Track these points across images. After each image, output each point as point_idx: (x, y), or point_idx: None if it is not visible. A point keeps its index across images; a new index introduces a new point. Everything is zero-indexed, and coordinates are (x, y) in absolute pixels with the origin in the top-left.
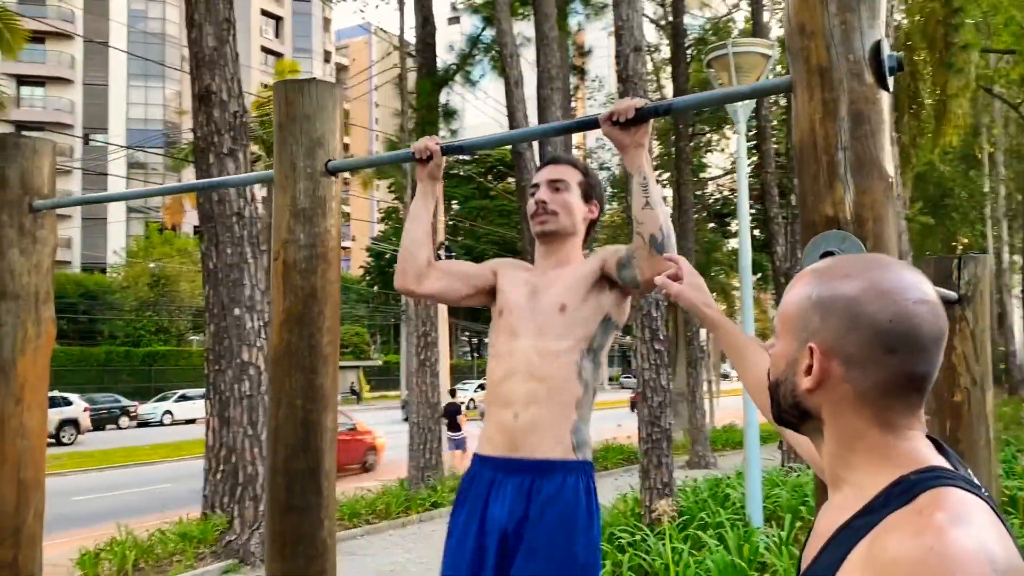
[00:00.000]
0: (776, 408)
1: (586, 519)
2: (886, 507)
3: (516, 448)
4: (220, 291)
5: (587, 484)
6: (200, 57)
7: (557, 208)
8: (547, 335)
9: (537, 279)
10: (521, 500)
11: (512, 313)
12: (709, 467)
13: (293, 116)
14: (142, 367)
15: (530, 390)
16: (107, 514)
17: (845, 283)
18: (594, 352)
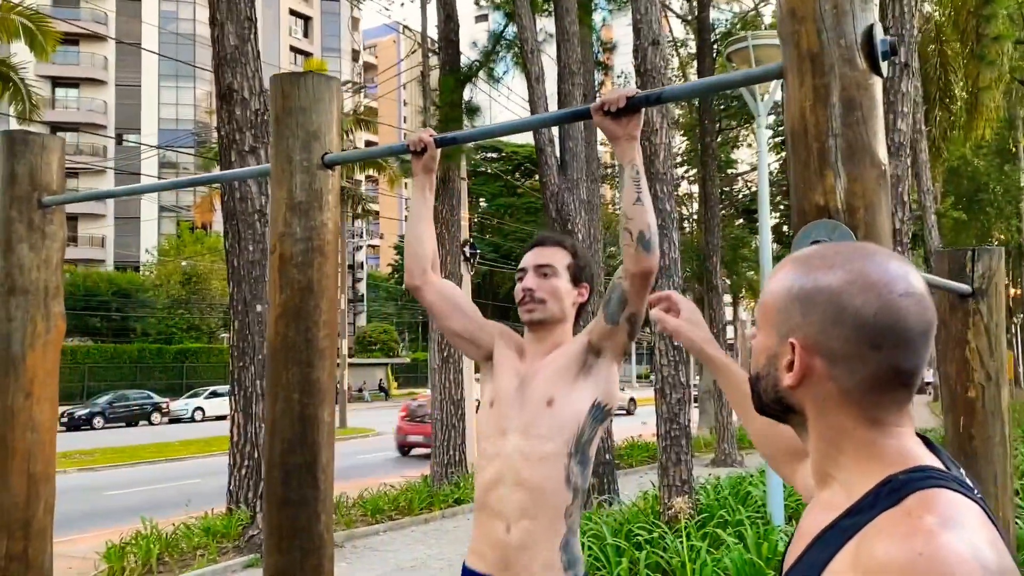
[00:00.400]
0: (758, 401)
1: None
2: (874, 508)
3: (508, 567)
4: (243, 288)
5: None
6: (222, 56)
7: (545, 295)
8: (533, 436)
9: (526, 368)
10: None
11: (501, 405)
12: (735, 465)
13: (289, 109)
14: (174, 364)
15: (520, 501)
16: (138, 509)
17: (828, 274)
18: (582, 450)
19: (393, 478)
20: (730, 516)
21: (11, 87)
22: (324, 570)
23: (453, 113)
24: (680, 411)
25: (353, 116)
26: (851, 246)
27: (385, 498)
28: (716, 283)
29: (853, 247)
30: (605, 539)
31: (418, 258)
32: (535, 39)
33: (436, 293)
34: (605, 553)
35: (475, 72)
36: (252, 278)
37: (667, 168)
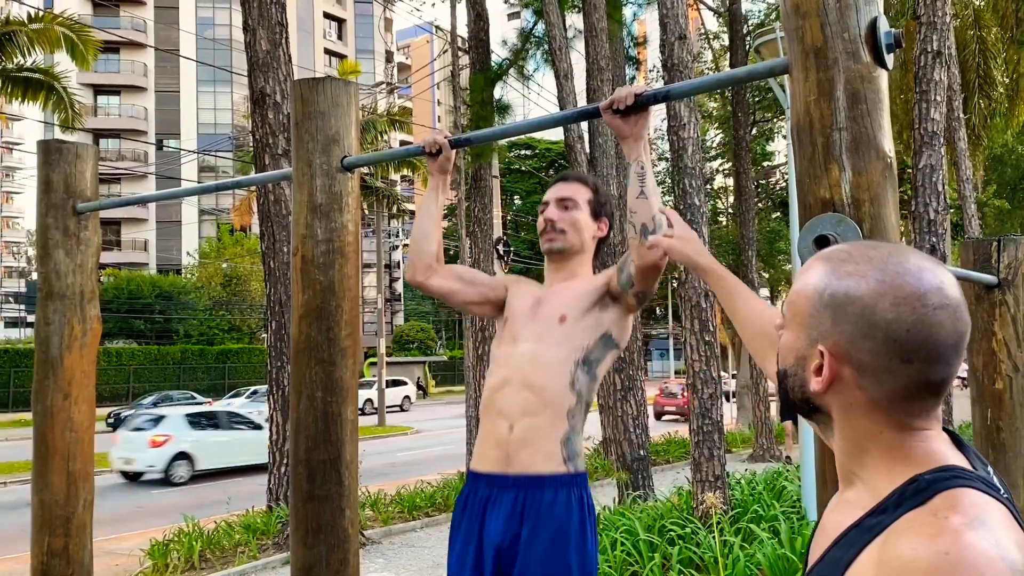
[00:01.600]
0: (784, 396)
1: (579, 532)
2: (899, 507)
3: (510, 463)
4: (279, 289)
5: (580, 496)
6: (255, 61)
7: (565, 226)
8: (544, 342)
9: (543, 292)
10: (515, 518)
11: (514, 320)
12: (773, 460)
13: (309, 114)
14: (216, 365)
15: (524, 400)
16: (181, 507)
17: (861, 283)
18: (589, 364)
19: (430, 475)
20: (764, 511)
21: (54, 96)
22: (349, 564)
23: (484, 111)
24: (712, 406)
25: (387, 117)
26: (886, 250)
27: (422, 495)
28: (752, 277)
29: (888, 251)
30: (638, 535)
31: (423, 255)
32: (563, 36)
33: (439, 280)
34: (638, 548)
35: (505, 70)
36: (288, 279)
37: (695, 162)
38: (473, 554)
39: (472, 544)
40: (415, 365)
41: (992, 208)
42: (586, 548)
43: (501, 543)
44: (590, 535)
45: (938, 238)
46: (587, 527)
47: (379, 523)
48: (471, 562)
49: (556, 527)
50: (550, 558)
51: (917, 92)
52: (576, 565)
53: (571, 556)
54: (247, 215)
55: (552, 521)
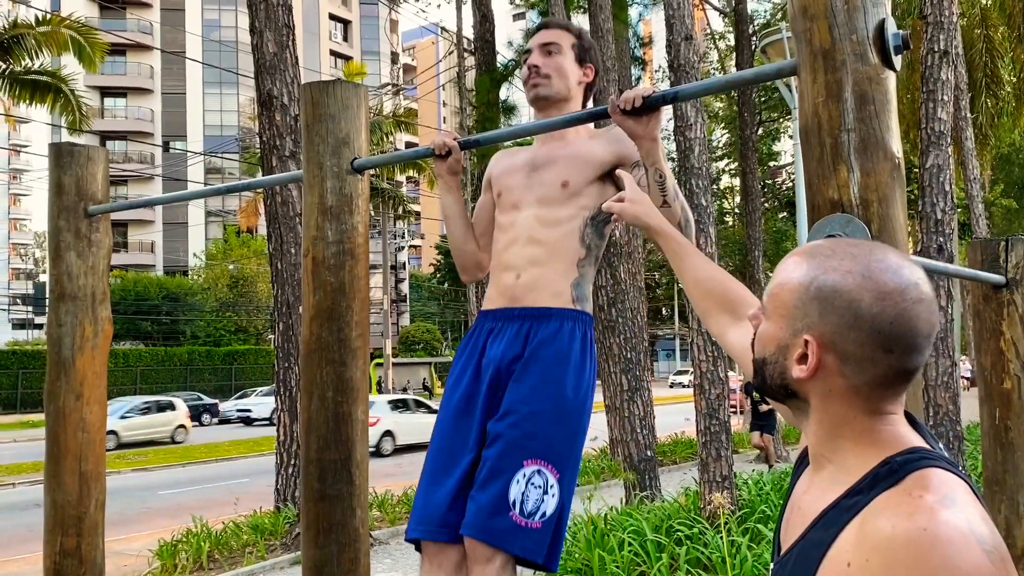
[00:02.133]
0: (760, 382)
1: (579, 360)
2: (874, 488)
3: (517, 301)
4: (287, 290)
5: (584, 332)
6: (261, 63)
7: (550, 71)
8: (549, 204)
9: (536, 153)
10: (518, 341)
11: (512, 191)
12: (780, 460)
13: (319, 116)
14: (223, 366)
15: (532, 254)
16: (189, 508)
17: (846, 278)
18: (598, 225)
19: None
20: (772, 511)
21: (62, 98)
22: (360, 564)
23: (490, 113)
24: (719, 406)
25: (392, 118)
26: (866, 247)
27: None
28: (758, 277)
29: (868, 248)
30: (646, 535)
31: (468, 256)
32: None
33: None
34: (645, 549)
35: (511, 71)
36: (295, 280)
37: (702, 163)
38: (472, 370)
39: (472, 364)
40: (421, 366)
41: (1000, 207)
42: (584, 374)
43: (501, 361)
44: (589, 365)
45: (945, 238)
46: (587, 358)
47: (387, 523)
48: (469, 376)
49: (558, 350)
50: (548, 375)
51: (924, 92)
52: (571, 387)
53: (568, 377)
54: (254, 217)
55: (555, 346)
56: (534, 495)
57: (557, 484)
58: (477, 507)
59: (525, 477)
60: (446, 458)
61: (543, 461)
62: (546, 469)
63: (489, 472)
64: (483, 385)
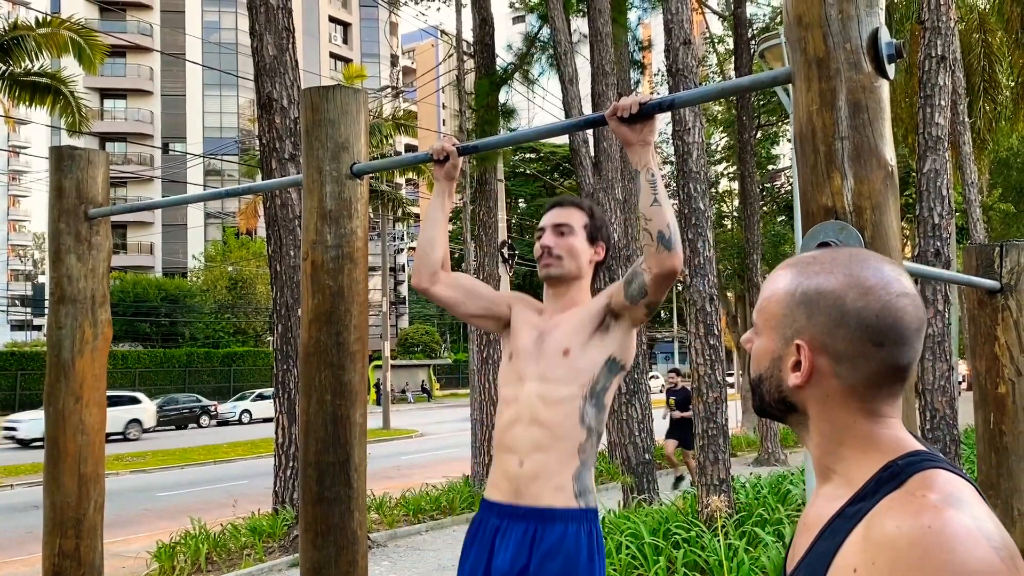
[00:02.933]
0: (759, 402)
1: (587, 567)
2: (877, 493)
3: (520, 495)
4: (286, 292)
5: (589, 531)
6: (261, 66)
7: (562, 252)
8: (550, 380)
9: (544, 323)
10: (524, 550)
11: (520, 358)
12: (777, 464)
13: (319, 121)
14: (222, 367)
15: (534, 437)
16: (187, 510)
17: (829, 279)
18: (597, 396)
19: (435, 478)
20: (769, 515)
21: (61, 100)
22: (358, 566)
23: (489, 116)
24: (717, 410)
25: (392, 121)
26: (847, 252)
27: (427, 498)
28: (757, 280)
29: (849, 252)
30: (643, 538)
31: (429, 261)
32: (568, 40)
33: (445, 288)
34: (643, 552)
35: (511, 75)
36: (294, 283)
37: (700, 167)
38: None
39: (480, 569)
40: (419, 368)
41: (998, 212)
42: None
43: (509, 573)
44: (598, 566)
45: (943, 242)
46: (595, 563)
47: (384, 526)
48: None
49: (565, 561)
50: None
51: (921, 97)
52: None
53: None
54: (253, 219)
55: (561, 555)
56: None
57: None
58: None
59: None
60: None
61: None
62: None
63: None
64: None
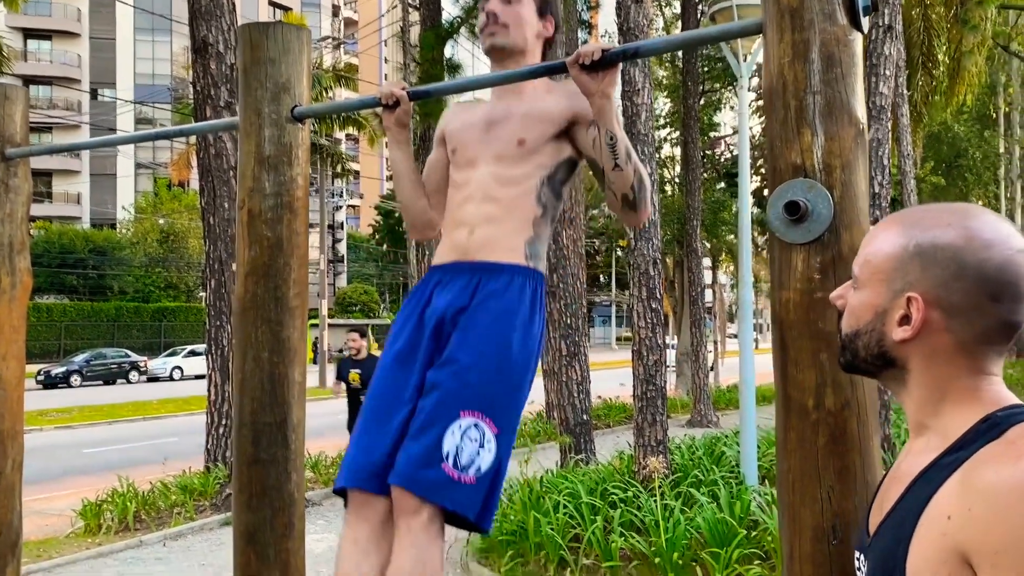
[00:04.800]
0: (851, 356)
1: (527, 315)
2: (975, 443)
3: (468, 255)
4: (219, 246)
5: (535, 289)
6: (197, 8)
7: (508, 20)
8: (505, 162)
9: (492, 109)
10: (465, 292)
11: (467, 148)
12: (710, 425)
13: (258, 60)
14: (152, 323)
15: (487, 211)
16: (115, 467)
17: (946, 232)
18: (554, 184)
19: None
20: (704, 476)
21: None
22: (295, 528)
23: (434, 70)
24: (656, 372)
25: (332, 72)
26: (958, 205)
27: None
28: (696, 246)
29: (960, 208)
30: (580, 498)
31: (418, 213)
32: None
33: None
34: (580, 511)
35: (457, 28)
36: (228, 236)
37: (648, 129)
38: (415, 319)
39: (416, 313)
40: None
41: (928, 184)
42: (531, 331)
43: (446, 310)
44: (538, 323)
45: (881, 211)
46: (536, 314)
47: (320, 484)
48: (412, 325)
49: (506, 303)
50: (494, 327)
51: (867, 65)
52: (518, 342)
53: (515, 331)
54: (186, 170)
55: (503, 298)
56: (469, 448)
57: (495, 439)
58: (408, 456)
59: (461, 429)
60: (382, 408)
61: (481, 414)
62: (484, 423)
63: (424, 421)
64: (425, 334)
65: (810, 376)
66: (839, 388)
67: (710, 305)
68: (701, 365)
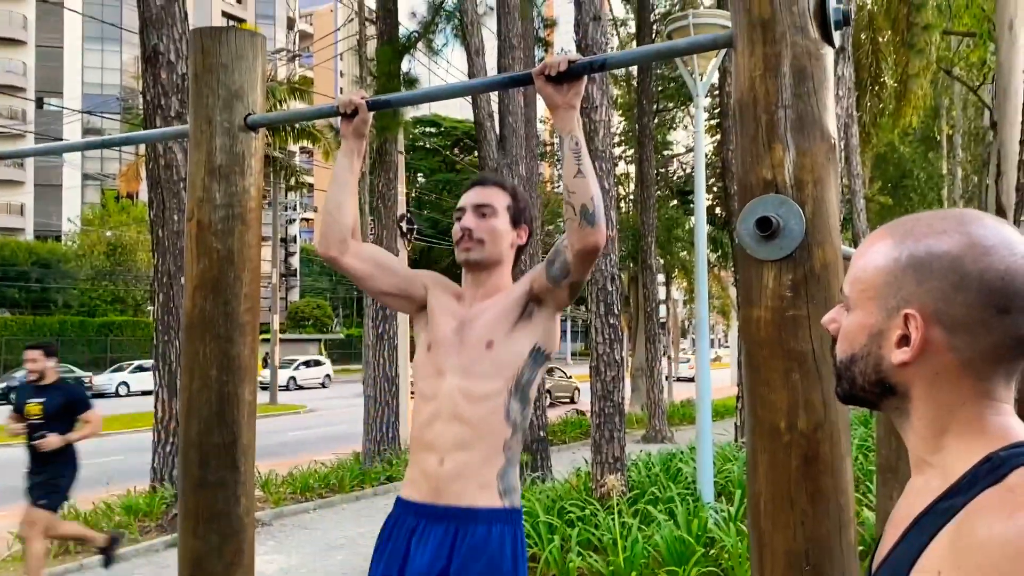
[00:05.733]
0: (848, 386)
1: (511, 569)
2: (973, 487)
3: (440, 494)
4: (168, 259)
5: (514, 534)
6: (147, 16)
7: (484, 235)
8: (473, 375)
9: (464, 311)
10: (444, 551)
11: (439, 350)
12: (665, 441)
13: (210, 66)
14: (97, 337)
15: (456, 434)
16: None
17: (942, 239)
18: (522, 390)
19: (324, 455)
20: (661, 493)
21: None
22: (244, 555)
23: (390, 84)
24: (614, 389)
25: (287, 84)
26: (952, 212)
27: (315, 475)
28: (651, 262)
29: (956, 214)
30: (538, 516)
31: (337, 227)
32: (475, 11)
33: (354, 259)
34: (537, 530)
35: (414, 43)
36: (177, 250)
37: (606, 146)
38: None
39: (394, 573)
40: (310, 343)
41: (876, 204)
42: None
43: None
44: (521, 570)
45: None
46: (519, 567)
47: (270, 504)
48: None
49: (488, 563)
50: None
51: None
52: None
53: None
54: (135, 181)
55: (484, 559)
56: None
57: None
58: None
59: None
60: None
61: None
62: None
63: None
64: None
65: (782, 397)
66: (812, 409)
67: (664, 320)
68: (655, 380)
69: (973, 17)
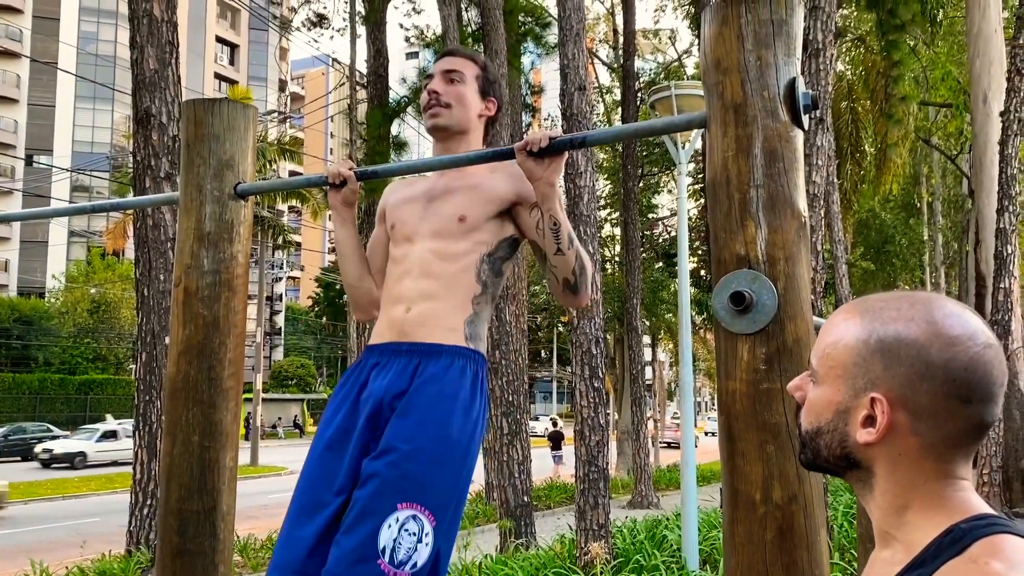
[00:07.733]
0: (812, 455)
1: (468, 400)
2: (937, 559)
3: (406, 336)
4: (152, 319)
5: (476, 371)
6: (141, 79)
7: (451, 100)
8: (444, 238)
9: (433, 184)
10: (403, 376)
11: (406, 223)
12: (651, 507)
13: (201, 136)
14: (77, 396)
15: (425, 287)
16: (29, 550)
17: (909, 327)
18: (495, 261)
19: None
20: (646, 561)
21: None
22: None
23: (380, 147)
24: (599, 453)
25: (277, 146)
26: (920, 296)
27: None
28: (636, 324)
29: (921, 299)
30: None
31: (364, 292)
32: None
33: None
34: None
35: (404, 107)
36: (162, 309)
37: (591, 211)
38: (350, 403)
39: (351, 396)
40: (293, 403)
41: (859, 269)
42: (471, 415)
43: (383, 395)
44: (479, 407)
45: (816, 296)
46: (477, 398)
47: (248, 569)
48: (346, 410)
49: (445, 387)
50: (433, 413)
51: None
52: (458, 427)
53: (455, 417)
54: (121, 239)
55: (442, 382)
56: (407, 542)
57: (433, 532)
58: (341, 552)
59: (398, 522)
60: (312, 498)
61: (420, 506)
62: (422, 515)
63: (359, 514)
64: (360, 420)
65: (757, 469)
66: (786, 481)
67: (650, 382)
68: (642, 444)
69: (949, 89)
